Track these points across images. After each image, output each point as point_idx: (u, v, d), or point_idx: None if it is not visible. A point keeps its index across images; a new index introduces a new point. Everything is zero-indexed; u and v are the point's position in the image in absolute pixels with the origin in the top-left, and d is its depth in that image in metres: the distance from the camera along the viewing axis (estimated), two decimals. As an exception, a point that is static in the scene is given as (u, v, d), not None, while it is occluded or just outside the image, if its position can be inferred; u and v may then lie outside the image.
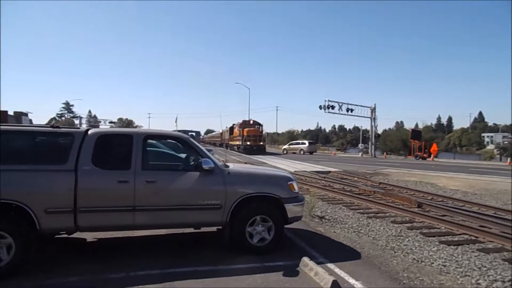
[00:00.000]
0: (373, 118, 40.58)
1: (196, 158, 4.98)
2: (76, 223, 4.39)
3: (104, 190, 4.54)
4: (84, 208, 4.38)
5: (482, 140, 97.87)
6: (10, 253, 4.05)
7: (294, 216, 5.29)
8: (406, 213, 8.28)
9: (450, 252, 5.49)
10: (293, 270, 4.44)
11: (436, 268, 4.85)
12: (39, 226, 4.19)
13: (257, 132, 40.78)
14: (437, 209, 8.75)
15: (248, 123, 42.42)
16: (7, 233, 4.04)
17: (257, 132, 40.78)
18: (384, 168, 21.35)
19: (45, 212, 4.20)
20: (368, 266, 4.79)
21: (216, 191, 4.86)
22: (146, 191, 4.62)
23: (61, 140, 4.67)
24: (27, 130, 4.89)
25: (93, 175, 4.48)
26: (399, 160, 34.58)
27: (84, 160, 4.48)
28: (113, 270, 4.31)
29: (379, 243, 6.01)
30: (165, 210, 4.72)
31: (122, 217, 4.58)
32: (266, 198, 5.10)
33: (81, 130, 4.83)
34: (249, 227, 4.99)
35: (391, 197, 10.50)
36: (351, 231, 6.80)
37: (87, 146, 4.56)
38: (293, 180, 5.44)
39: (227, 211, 4.88)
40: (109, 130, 6.17)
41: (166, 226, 5.17)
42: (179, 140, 5.31)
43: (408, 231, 6.74)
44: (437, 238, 6.27)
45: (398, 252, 5.49)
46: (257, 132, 40.96)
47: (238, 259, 4.77)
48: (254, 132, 40.12)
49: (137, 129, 5.68)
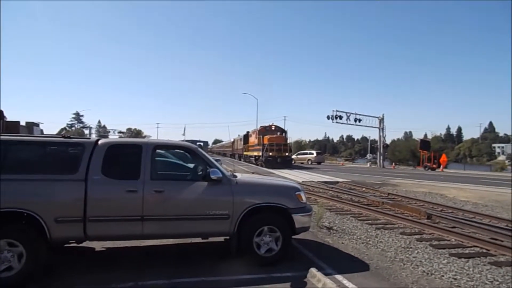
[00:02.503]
0: (381, 128, 40.32)
1: (204, 168, 5.01)
2: (86, 232, 4.44)
3: (113, 200, 4.60)
4: (94, 217, 4.43)
5: (493, 151, 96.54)
6: (21, 262, 4.10)
7: (302, 227, 5.27)
8: (415, 225, 8.17)
9: (460, 265, 5.40)
10: (300, 281, 4.41)
11: (447, 281, 4.77)
12: (50, 235, 4.25)
13: (281, 140, 32.82)
14: (447, 221, 8.63)
15: (269, 129, 34.82)
16: (19, 242, 4.11)
17: (281, 140, 32.82)
18: (392, 179, 21.16)
19: (55, 221, 4.26)
20: (377, 278, 4.73)
21: (224, 201, 4.88)
22: (154, 201, 4.66)
23: (71, 150, 4.75)
24: (39, 140, 4.99)
25: (102, 184, 4.54)
26: (408, 170, 34.20)
27: (94, 170, 4.55)
28: (121, 279, 4.33)
29: (388, 254, 5.94)
30: (173, 220, 4.75)
31: (131, 226, 4.61)
32: (274, 208, 5.10)
33: (91, 140, 4.91)
34: (257, 238, 4.99)
35: (400, 208, 10.39)
36: (359, 242, 6.74)
37: (97, 156, 4.63)
38: (300, 190, 5.44)
39: (235, 221, 4.89)
40: (119, 140, 6.24)
41: (174, 236, 5.20)
42: (188, 150, 5.36)
43: (417, 243, 6.66)
44: (447, 251, 6.17)
45: (407, 264, 5.42)
46: (282, 140, 32.92)
47: (246, 269, 4.75)
48: (278, 140, 32.35)
49: (146, 139, 5.75)
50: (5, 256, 4.05)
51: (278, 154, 30.68)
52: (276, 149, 30.74)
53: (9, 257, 4.06)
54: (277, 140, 32.10)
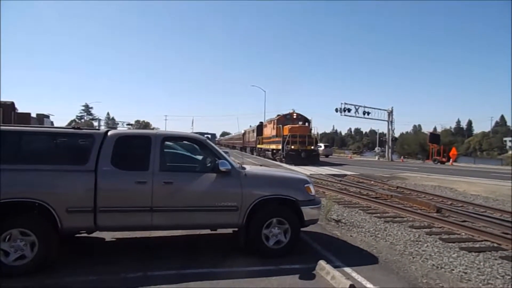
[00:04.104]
0: (390, 121, 39.92)
1: (213, 160, 5.01)
2: (96, 222, 4.48)
3: (123, 191, 4.62)
4: (104, 208, 4.47)
5: (504, 145, 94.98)
6: (34, 251, 4.17)
7: (311, 219, 5.26)
8: (424, 218, 8.10)
9: (471, 259, 5.34)
10: (309, 274, 4.40)
11: (457, 275, 4.72)
12: (61, 225, 4.30)
13: (305, 130, 27.25)
14: (457, 215, 8.54)
15: (290, 118, 29.25)
16: (31, 231, 4.17)
17: (305, 130, 27.25)
18: (401, 172, 21.00)
19: (66, 211, 4.31)
20: (386, 271, 4.71)
21: (232, 193, 4.88)
22: (163, 192, 4.68)
23: (81, 141, 4.78)
24: (50, 132, 5.04)
25: (112, 175, 4.57)
26: (417, 164, 33.92)
27: (104, 161, 4.57)
28: (130, 269, 4.37)
29: (397, 248, 5.90)
30: (182, 211, 4.76)
31: (140, 217, 4.64)
32: (283, 200, 5.09)
33: (101, 131, 4.93)
34: (265, 230, 4.98)
35: (409, 201, 10.31)
36: (368, 235, 6.70)
37: (107, 147, 4.65)
38: (309, 183, 5.41)
39: (244, 213, 4.89)
40: (128, 132, 6.29)
41: (183, 227, 5.23)
42: (197, 141, 5.36)
43: (427, 237, 6.60)
44: (457, 244, 6.11)
45: (416, 258, 5.38)
46: (306, 130, 27.39)
47: (254, 261, 4.77)
48: (302, 130, 26.81)
49: (155, 131, 5.77)
50: (18, 245, 4.12)
51: (302, 147, 25.73)
52: (299, 142, 25.75)
53: (22, 246, 4.13)
54: (300, 130, 26.66)
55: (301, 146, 25.75)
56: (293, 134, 25.95)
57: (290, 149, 25.54)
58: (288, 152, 25.59)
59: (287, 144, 25.74)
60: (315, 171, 20.17)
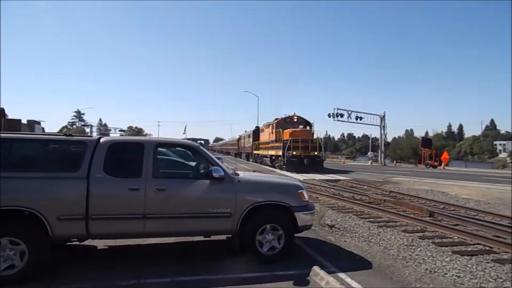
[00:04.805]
0: (382, 126, 40.30)
1: (206, 166, 4.99)
2: (88, 230, 4.42)
3: (115, 198, 4.58)
4: (96, 215, 4.42)
5: (495, 148, 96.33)
6: (24, 260, 4.10)
7: (304, 225, 5.26)
8: (417, 222, 8.14)
9: (464, 262, 5.37)
10: (303, 279, 4.39)
11: (450, 279, 4.75)
12: (52, 233, 4.24)
13: (307, 134, 25.56)
14: (449, 218, 8.59)
15: (291, 121, 27.23)
16: (21, 240, 4.10)
17: (307, 134, 25.56)
18: (394, 177, 21.12)
19: (57, 219, 4.25)
20: (379, 275, 4.72)
21: (226, 199, 4.87)
22: (156, 199, 4.64)
23: (74, 148, 4.75)
24: (41, 138, 4.98)
25: (104, 182, 4.53)
26: (409, 168, 34.17)
27: (96, 168, 4.53)
28: (123, 277, 4.32)
29: (390, 252, 5.92)
30: (175, 218, 4.73)
31: (133, 224, 4.60)
32: (276, 206, 5.08)
33: (94, 138, 4.90)
34: (259, 236, 4.97)
35: (402, 205, 10.36)
36: (362, 240, 6.72)
37: (99, 154, 4.62)
38: (303, 189, 5.42)
39: (237, 220, 4.87)
40: (121, 138, 6.25)
41: (177, 234, 5.19)
42: (190, 148, 5.35)
43: (420, 241, 6.63)
44: (450, 248, 6.15)
45: (410, 262, 5.40)
46: (308, 134, 25.67)
47: (248, 267, 4.74)
48: (304, 134, 25.08)
49: (148, 137, 5.74)
50: (7, 254, 4.05)
51: (304, 153, 23.69)
52: (302, 147, 23.74)
53: (12, 255, 4.07)
54: (302, 134, 24.77)
55: (304, 152, 23.69)
56: (295, 138, 23.92)
57: (291, 155, 23.50)
58: (290, 158, 23.52)
59: (288, 149, 23.59)
60: (308, 176, 20.20)
